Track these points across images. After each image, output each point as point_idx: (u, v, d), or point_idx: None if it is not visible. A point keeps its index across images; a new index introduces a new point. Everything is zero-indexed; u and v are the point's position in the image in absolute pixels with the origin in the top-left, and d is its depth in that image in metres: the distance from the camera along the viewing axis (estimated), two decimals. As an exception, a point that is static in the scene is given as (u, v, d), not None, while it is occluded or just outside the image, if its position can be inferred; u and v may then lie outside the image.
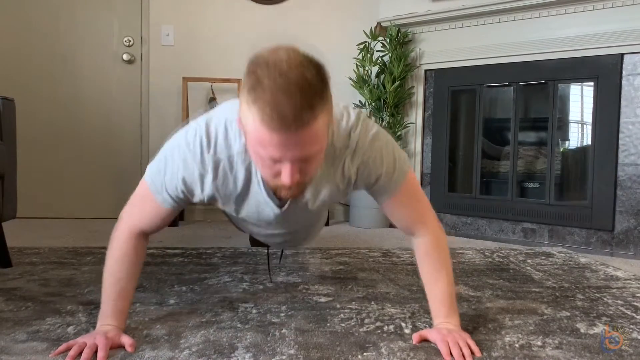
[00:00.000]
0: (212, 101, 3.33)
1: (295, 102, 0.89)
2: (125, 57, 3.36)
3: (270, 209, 1.21)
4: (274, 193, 1.17)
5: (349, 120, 1.15)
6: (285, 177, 0.97)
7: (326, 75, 0.96)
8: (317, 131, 0.94)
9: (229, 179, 1.14)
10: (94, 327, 1.21)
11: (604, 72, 2.54)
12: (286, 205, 1.21)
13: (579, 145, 2.89)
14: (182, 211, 3.37)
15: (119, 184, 3.40)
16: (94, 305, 1.45)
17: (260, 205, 1.21)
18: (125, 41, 3.36)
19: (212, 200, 1.20)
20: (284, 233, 1.45)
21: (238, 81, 3.24)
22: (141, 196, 1.23)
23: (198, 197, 1.17)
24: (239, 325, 1.33)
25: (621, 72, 2.49)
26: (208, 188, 1.15)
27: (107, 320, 1.19)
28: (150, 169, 1.20)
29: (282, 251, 2.21)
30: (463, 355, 1.13)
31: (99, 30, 3.35)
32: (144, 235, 1.26)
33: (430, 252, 1.27)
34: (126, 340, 1.16)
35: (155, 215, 1.22)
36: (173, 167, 1.15)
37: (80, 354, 1.09)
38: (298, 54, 0.94)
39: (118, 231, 1.24)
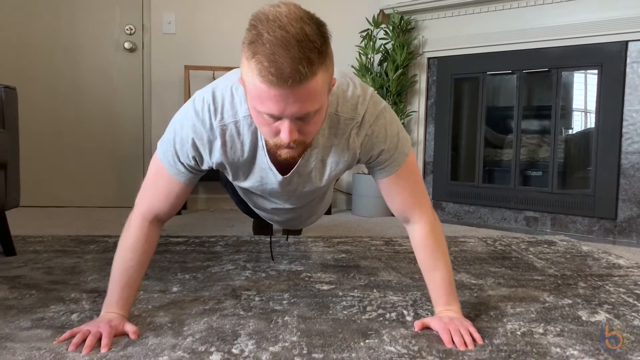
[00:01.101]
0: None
1: (292, 55, 0.88)
2: (126, 45, 3.34)
3: (273, 175, 1.21)
4: (276, 163, 1.17)
5: (355, 91, 1.14)
6: (284, 134, 0.96)
7: (327, 33, 0.95)
8: (316, 88, 0.93)
9: (237, 144, 1.15)
10: (98, 315, 1.22)
11: (608, 60, 2.53)
12: (289, 173, 1.21)
13: (582, 134, 2.87)
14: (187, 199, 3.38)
15: (122, 173, 3.41)
16: (97, 293, 1.46)
17: (264, 171, 1.21)
18: (127, 29, 3.35)
19: (220, 167, 1.21)
20: (288, 209, 1.45)
21: (240, 69, 3.23)
22: (154, 174, 1.23)
23: (207, 163, 1.18)
24: (241, 313, 1.33)
25: (625, 60, 2.47)
26: (217, 154, 1.15)
27: (111, 308, 1.20)
28: (161, 143, 1.21)
29: (287, 237, 2.22)
30: (465, 343, 1.14)
31: (100, 18, 3.34)
32: (157, 222, 1.26)
33: (427, 239, 1.27)
34: (129, 327, 1.16)
35: (169, 192, 1.22)
36: (183, 135, 1.15)
37: (84, 341, 1.10)
38: (299, 9, 0.94)
39: (131, 219, 1.24)
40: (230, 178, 1.27)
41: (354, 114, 1.14)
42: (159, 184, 1.23)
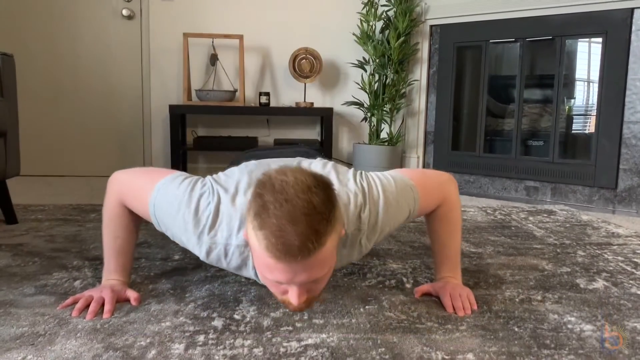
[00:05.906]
0: (213, 59, 3.28)
1: (301, 231, 0.85)
2: (124, 12, 3.29)
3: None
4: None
5: (356, 202, 1.09)
6: (293, 299, 0.93)
7: (334, 195, 0.91)
8: (325, 255, 0.90)
9: (222, 262, 1.10)
10: (100, 282, 1.23)
11: (613, 27, 2.49)
12: None
13: (584, 103, 2.85)
14: (187, 169, 3.38)
15: (121, 141, 3.40)
16: (99, 261, 1.48)
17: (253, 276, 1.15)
18: (124, -4, 3.29)
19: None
20: None
21: (239, 37, 3.19)
22: (137, 193, 1.16)
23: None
24: (243, 280, 1.34)
25: (631, 27, 2.44)
26: (200, 254, 1.10)
27: (111, 275, 1.21)
28: (158, 198, 1.11)
29: None
30: (464, 309, 1.15)
31: (97, -16, 3.28)
32: None
33: (447, 215, 1.26)
34: (131, 294, 1.18)
35: (137, 210, 1.17)
36: (175, 222, 1.09)
37: (87, 306, 1.11)
38: (305, 176, 0.89)
39: (109, 194, 1.20)
40: None
41: (359, 225, 1.10)
42: (135, 203, 1.16)
